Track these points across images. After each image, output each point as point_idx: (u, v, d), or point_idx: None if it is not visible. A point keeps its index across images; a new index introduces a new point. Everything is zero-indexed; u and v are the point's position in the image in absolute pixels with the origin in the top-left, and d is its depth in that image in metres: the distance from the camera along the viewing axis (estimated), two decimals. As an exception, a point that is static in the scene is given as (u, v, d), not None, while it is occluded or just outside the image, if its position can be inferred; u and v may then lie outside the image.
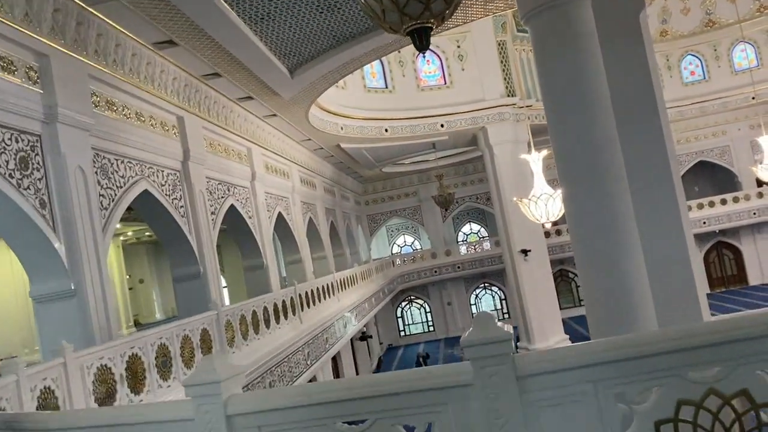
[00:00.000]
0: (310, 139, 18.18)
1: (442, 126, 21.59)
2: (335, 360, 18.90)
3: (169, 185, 10.10)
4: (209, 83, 11.63)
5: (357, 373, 21.97)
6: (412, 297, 33.06)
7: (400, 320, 33.25)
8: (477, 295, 33.22)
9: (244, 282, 14.20)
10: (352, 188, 29.06)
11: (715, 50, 28.87)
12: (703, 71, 29.23)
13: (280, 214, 16.02)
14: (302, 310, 12.15)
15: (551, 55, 9.30)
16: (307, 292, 12.93)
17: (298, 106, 14.19)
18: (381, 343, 30.14)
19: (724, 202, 29.85)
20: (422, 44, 4.13)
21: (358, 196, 31.40)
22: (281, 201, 16.46)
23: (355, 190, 30.34)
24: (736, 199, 29.82)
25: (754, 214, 29.55)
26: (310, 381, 14.34)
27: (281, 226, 16.52)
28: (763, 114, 27.93)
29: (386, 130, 20.42)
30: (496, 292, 33.06)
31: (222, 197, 12.30)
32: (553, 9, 8.35)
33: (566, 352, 2.68)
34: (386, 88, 20.93)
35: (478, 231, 35.79)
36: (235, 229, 13.62)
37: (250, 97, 12.93)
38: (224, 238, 16.67)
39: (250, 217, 13.71)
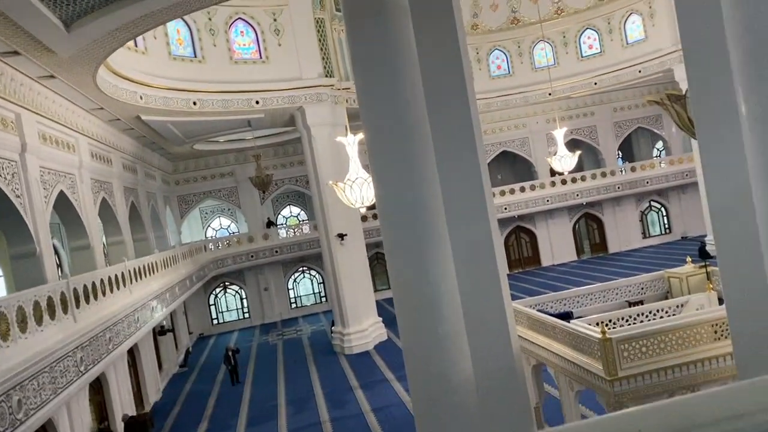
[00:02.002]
0: (102, 108, 15.94)
1: (257, 103, 20.39)
2: (133, 355, 17.04)
3: None
4: (-45, 29, 9.39)
5: (160, 369, 20.12)
6: (226, 283, 31.46)
7: (212, 308, 31.49)
8: (295, 280, 32.60)
9: (11, 273, 11.95)
10: (159, 166, 26.56)
11: (519, 47, 31.02)
12: (508, 66, 31.29)
13: (62, 192, 13.83)
14: (78, 306, 10.40)
15: (362, 31, 8.77)
16: (86, 285, 11.14)
17: (81, 67, 12.16)
18: (191, 333, 28.24)
19: (522, 189, 32.45)
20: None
21: (166, 175, 28.88)
22: (64, 178, 14.21)
23: (164, 168, 27.83)
24: (532, 188, 32.58)
25: (548, 201, 32.53)
26: (94, 382, 12.64)
27: (64, 207, 14.31)
28: (558, 109, 30.68)
29: (195, 104, 18.72)
30: (314, 276, 32.70)
31: (-25, 171, 10.10)
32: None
33: None
34: (195, 57, 19.16)
35: (298, 214, 35.12)
36: (-3, 209, 11.38)
37: (15, 52, 10.74)
38: None
39: (18, 196, 11.53)
